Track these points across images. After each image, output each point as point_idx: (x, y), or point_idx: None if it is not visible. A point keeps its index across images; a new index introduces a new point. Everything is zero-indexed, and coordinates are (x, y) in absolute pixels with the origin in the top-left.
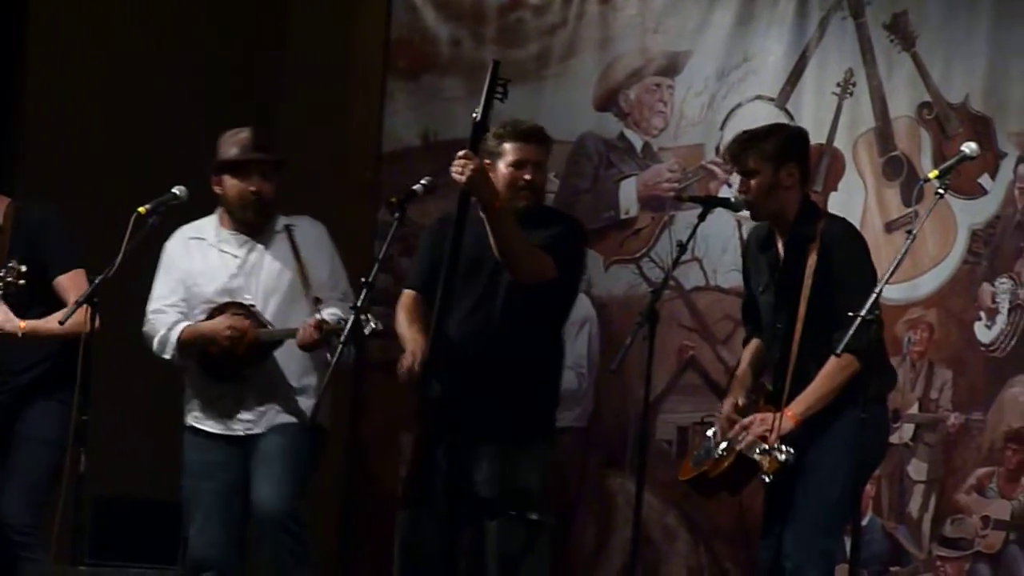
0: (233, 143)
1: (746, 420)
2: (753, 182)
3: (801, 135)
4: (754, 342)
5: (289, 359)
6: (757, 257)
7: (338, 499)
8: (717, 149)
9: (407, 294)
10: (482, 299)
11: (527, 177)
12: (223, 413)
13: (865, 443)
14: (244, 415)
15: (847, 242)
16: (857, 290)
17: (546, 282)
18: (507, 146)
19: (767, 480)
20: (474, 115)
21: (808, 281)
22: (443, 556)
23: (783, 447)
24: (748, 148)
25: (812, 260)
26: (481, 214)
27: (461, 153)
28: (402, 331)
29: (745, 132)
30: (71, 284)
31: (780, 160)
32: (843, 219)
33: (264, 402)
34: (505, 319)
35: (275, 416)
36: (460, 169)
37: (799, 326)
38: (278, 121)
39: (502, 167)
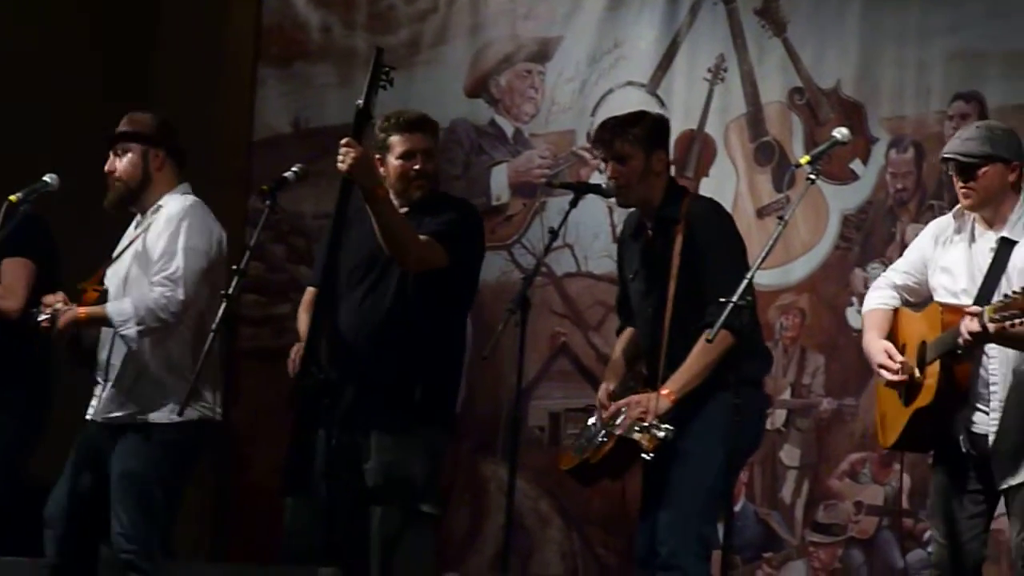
0: None
1: (622, 401)
2: (625, 167)
3: (665, 123)
4: (628, 331)
5: (158, 347)
6: (630, 245)
7: (212, 486)
8: (588, 135)
9: (307, 291)
10: (373, 288)
11: (417, 167)
12: (95, 398)
13: (740, 428)
14: (106, 403)
15: (712, 220)
16: (725, 268)
17: (439, 269)
18: (394, 139)
19: (648, 458)
20: (357, 103)
21: (676, 261)
22: (324, 544)
23: (662, 424)
24: (619, 134)
25: (679, 241)
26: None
27: (344, 141)
28: (300, 328)
29: (613, 118)
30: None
31: (651, 146)
32: (708, 199)
33: (126, 392)
34: (396, 308)
35: (139, 411)
36: (342, 157)
37: (669, 307)
38: (149, 109)
39: (392, 160)
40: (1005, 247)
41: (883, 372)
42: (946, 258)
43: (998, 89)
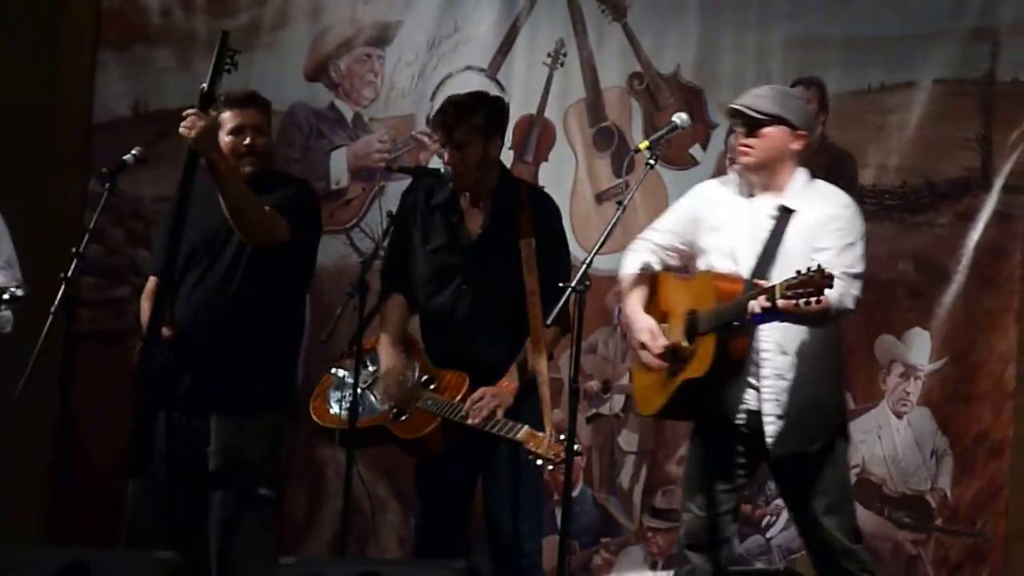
0: None
1: (475, 395)
2: (463, 155)
3: (503, 106)
4: (398, 297)
5: None
6: (431, 218)
7: (49, 469)
8: (427, 119)
9: (149, 280)
10: (210, 269)
11: (247, 142)
12: None
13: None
14: None
15: (554, 211)
16: (562, 258)
17: (279, 245)
18: (224, 115)
19: (550, 468)
20: (202, 86)
21: (527, 249)
22: (165, 527)
23: (561, 437)
24: (459, 123)
25: (527, 228)
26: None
27: (191, 111)
28: (142, 316)
29: (452, 104)
30: None
31: (490, 133)
32: (540, 188)
33: None
34: (233, 288)
35: None
36: (189, 125)
37: (536, 290)
38: None
39: (223, 137)
40: (784, 215)
41: (643, 354)
42: (719, 217)
43: (837, 75)
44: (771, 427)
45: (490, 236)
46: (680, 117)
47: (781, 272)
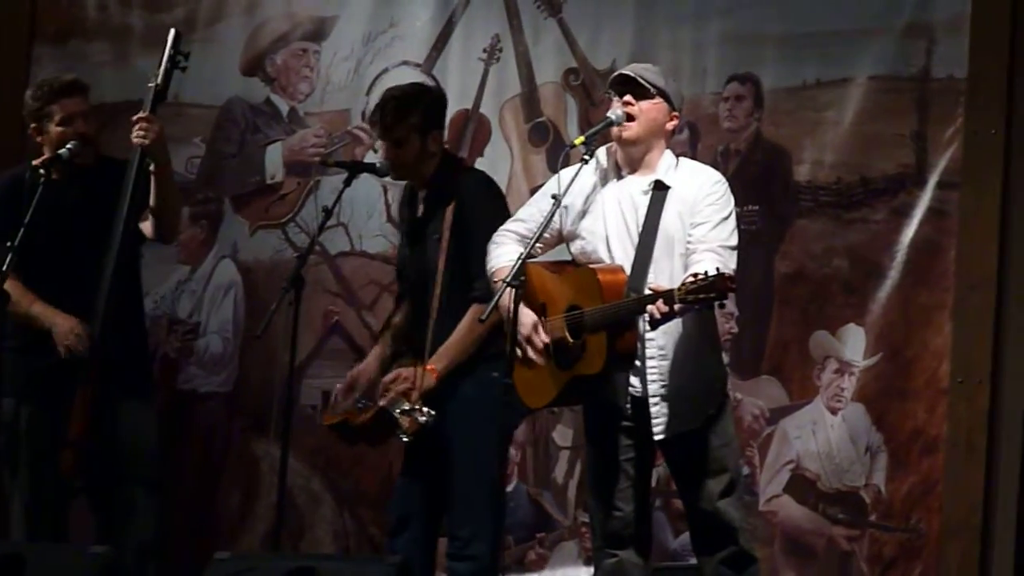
0: None
1: (389, 376)
2: (401, 150)
3: (443, 99)
4: (403, 304)
5: None
6: (404, 216)
7: None
8: (363, 114)
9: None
10: (85, 262)
11: (81, 131)
12: None
13: (506, 404)
14: None
15: (481, 195)
16: (484, 235)
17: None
18: (52, 107)
19: (405, 439)
20: (152, 84)
21: (446, 234)
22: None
23: (424, 408)
24: (398, 120)
25: (449, 216)
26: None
27: (143, 116)
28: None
29: (391, 99)
30: None
31: (428, 128)
32: (480, 173)
33: None
34: (118, 281)
35: None
36: (143, 132)
37: (439, 280)
38: None
39: (52, 128)
40: (659, 191)
41: (528, 347)
42: (588, 201)
43: (773, 71)
44: (656, 408)
45: (423, 223)
46: (615, 113)
47: (663, 254)
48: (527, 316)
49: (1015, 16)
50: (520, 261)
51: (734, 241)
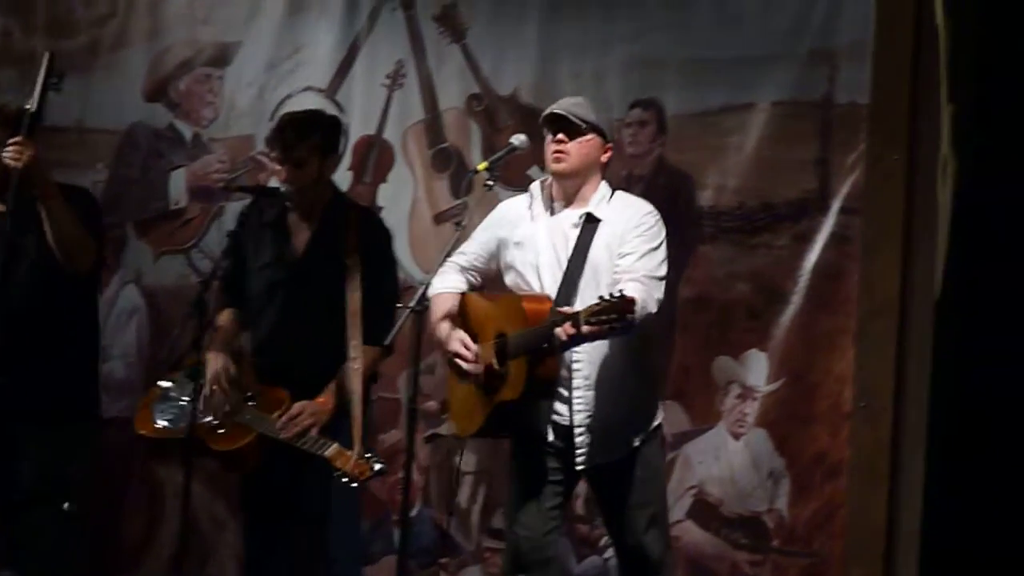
0: None
1: (293, 410)
2: (301, 172)
3: (340, 125)
4: (230, 312)
5: None
6: (262, 233)
7: None
8: (267, 140)
9: None
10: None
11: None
12: None
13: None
14: None
15: (385, 233)
16: (387, 280)
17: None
18: None
19: (354, 485)
20: (28, 106)
21: (357, 268)
22: None
23: (375, 457)
24: (299, 141)
25: (353, 246)
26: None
27: (15, 140)
28: None
29: (290, 121)
30: None
31: (327, 151)
32: (374, 212)
33: None
34: (36, 304)
35: None
36: (16, 155)
37: (355, 309)
38: None
39: None
40: (590, 223)
41: (460, 361)
42: (522, 233)
43: (676, 97)
44: (580, 438)
45: (315, 253)
46: (518, 138)
47: (589, 284)
48: (451, 331)
49: (917, 42)
50: (424, 287)
51: (662, 272)
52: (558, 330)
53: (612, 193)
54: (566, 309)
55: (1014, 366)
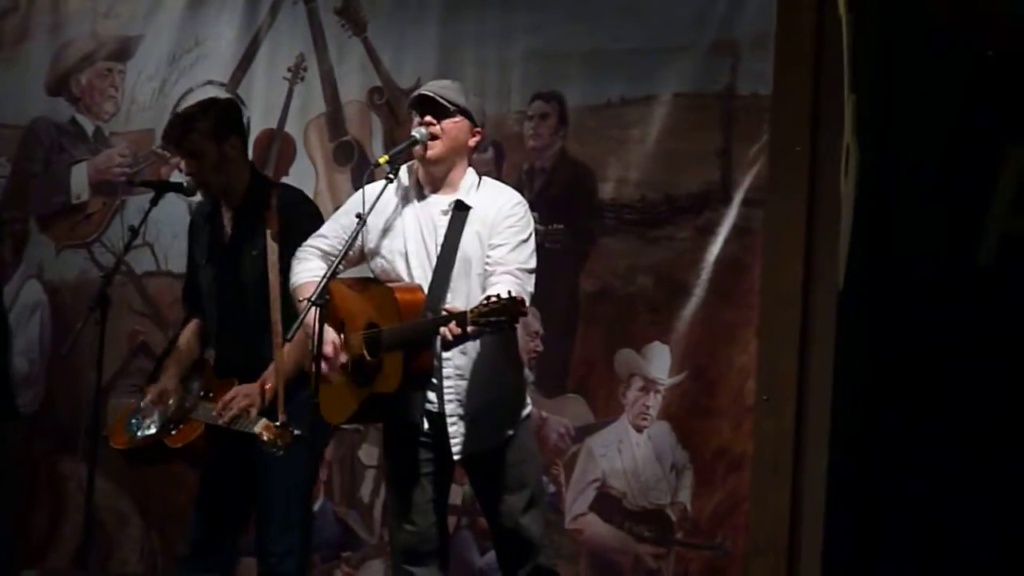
0: None
1: (228, 395)
2: (198, 162)
3: (234, 106)
4: (194, 322)
5: None
6: (202, 231)
7: None
8: (163, 138)
9: None
10: None
11: None
12: None
13: (320, 423)
14: None
15: (303, 210)
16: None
17: None
18: None
19: (280, 454)
20: None
21: (274, 248)
22: None
23: (290, 424)
24: (188, 130)
25: (273, 227)
26: None
27: None
28: None
29: (178, 115)
30: None
31: (222, 135)
32: (297, 189)
33: None
34: None
35: None
36: None
37: (275, 294)
38: None
39: None
40: (460, 211)
41: (324, 363)
42: (389, 219)
43: (577, 89)
44: (454, 427)
45: (237, 239)
46: (419, 131)
47: (460, 274)
48: (328, 333)
49: (819, 33)
50: (325, 280)
51: (532, 264)
52: (443, 330)
53: (480, 180)
54: (451, 308)
55: (916, 356)
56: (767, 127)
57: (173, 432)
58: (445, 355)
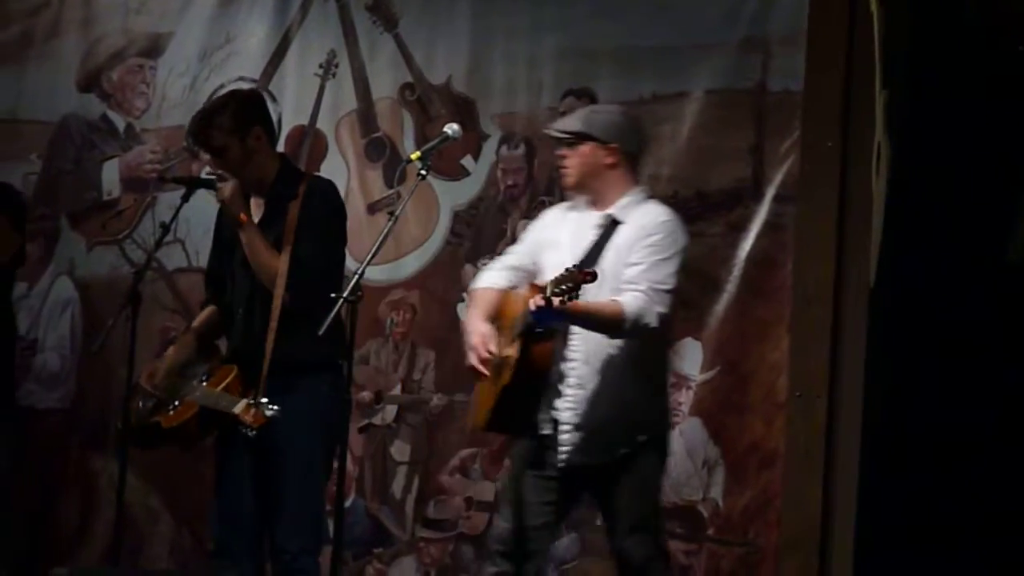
0: None
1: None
2: (224, 158)
3: (256, 96)
4: (209, 308)
5: None
6: (226, 219)
7: None
8: (186, 137)
9: None
10: None
11: None
12: None
13: (340, 411)
14: None
15: (328, 197)
16: (318, 245)
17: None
18: None
19: (251, 434)
20: None
21: (290, 237)
22: None
23: (267, 402)
24: (209, 128)
25: (293, 216)
26: None
27: None
28: None
29: (199, 113)
30: None
31: (243, 129)
32: (328, 180)
33: None
34: None
35: None
36: None
37: (281, 281)
38: None
39: None
40: (611, 225)
41: (470, 352)
42: (556, 235)
43: (609, 85)
44: (565, 436)
45: (262, 228)
46: (451, 128)
47: (592, 285)
48: (477, 324)
49: (851, 29)
50: (357, 277)
51: (670, 284)
52: (529, 301)
53: (644, 198)
54: (538, 282)
55: (947, 352)
56: (798, 123)
57: (170, 412)
58: (570, 364)
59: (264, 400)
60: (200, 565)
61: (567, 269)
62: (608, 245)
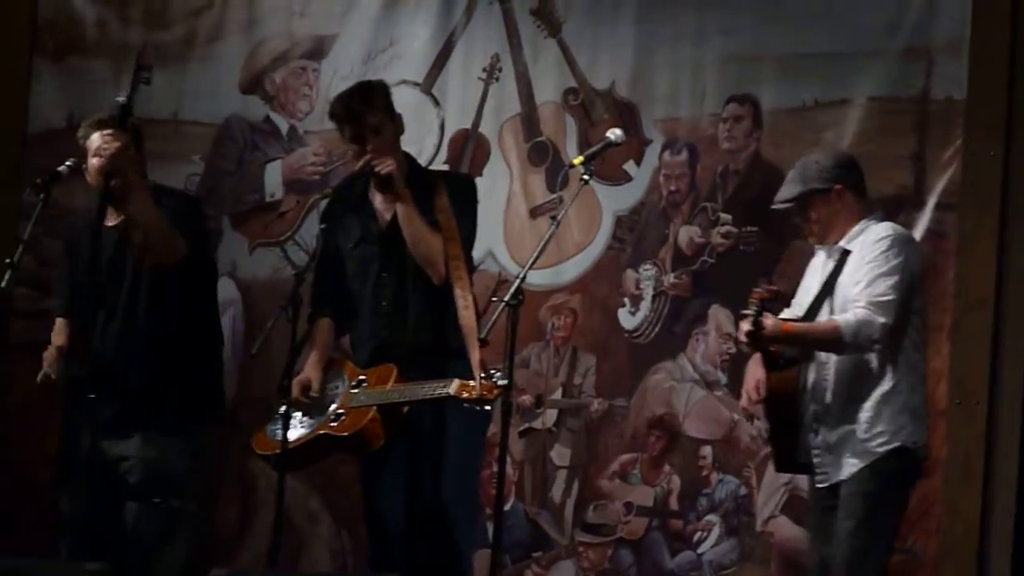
0: None
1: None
2: (381, 137)
3: (387, 87)
4: (325, 321)
5: None
6: (343, 220)
7: None
8: (332, 118)
9: (57, 323)
10: (116, 299)
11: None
12: None
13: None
14: None
15: (472, 189)
16: (471, 228)
17: (177, 265)
18: (90, 139)
19: (488, 408)
20: (120, 99)
21: (450, 219)
22: (91, 535)
23: (497, 375)
24: (367, 106)
25: (443, 197)
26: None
27: (107, 131)
28: (48, 361)
29: (348, 94)
30: None
31: (393, 114)
32: (467, 176)
33: None
34: (141, 314)
35: None
36: (105, 145)
37: (462, 256)
38: None
39: (91, 159)
40: (842, 256)
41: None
42: (808, 280)
43: (772, 92)
44: (817, 459)
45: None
46: (614, 133)
47: (824, 314)
48: (752, 370)
49: (1014, 38)
50: (518, 281)
51: (891, 295)
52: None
53: (877, 221)
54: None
55: None
56: (961, 132)
57: (334, 423)
58: (815, 388)
59: (493, 371)
60: (361, 568)
61: (752, 290)
62: (840, 273)
